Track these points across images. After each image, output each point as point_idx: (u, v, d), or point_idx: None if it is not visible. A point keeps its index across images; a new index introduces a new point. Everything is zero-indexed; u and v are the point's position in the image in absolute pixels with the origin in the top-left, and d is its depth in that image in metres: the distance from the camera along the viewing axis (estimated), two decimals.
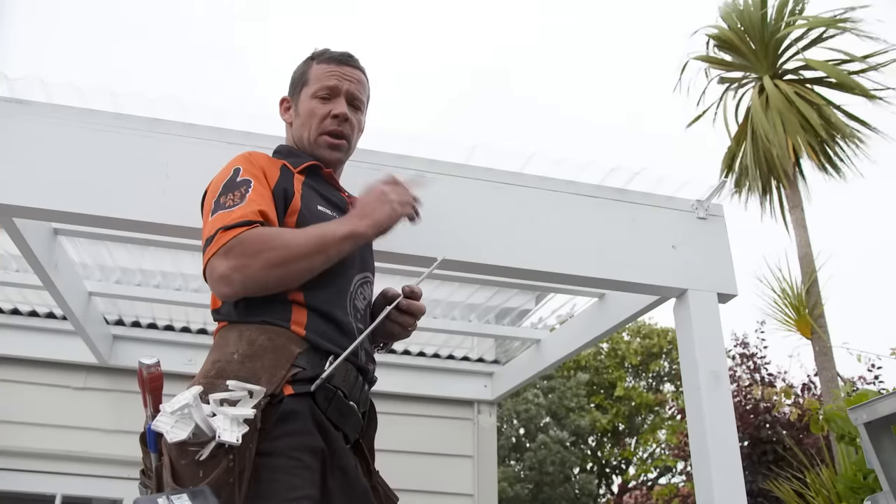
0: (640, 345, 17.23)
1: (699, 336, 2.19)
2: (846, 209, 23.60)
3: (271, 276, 1.34)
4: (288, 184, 1.49)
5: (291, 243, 1.36)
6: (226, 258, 1.32)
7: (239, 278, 1.32)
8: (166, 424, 1.19)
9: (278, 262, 1.34)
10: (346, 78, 1.63)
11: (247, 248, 1.32)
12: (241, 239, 1.33)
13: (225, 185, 1.44)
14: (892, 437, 2.12)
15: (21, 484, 3.30)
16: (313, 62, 1.66)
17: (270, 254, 1.33)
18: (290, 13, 53.74)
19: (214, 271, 1.33)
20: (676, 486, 12.16)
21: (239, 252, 1.32)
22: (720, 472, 2.03)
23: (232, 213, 1.37)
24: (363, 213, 1.44)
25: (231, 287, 1.33)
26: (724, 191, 2.39)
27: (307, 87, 1.64)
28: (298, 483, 1.26)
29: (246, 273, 1.32)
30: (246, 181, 1.43)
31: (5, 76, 1.98)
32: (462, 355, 3.87)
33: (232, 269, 1.32)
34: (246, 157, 1.50)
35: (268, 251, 1.33)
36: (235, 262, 1.32)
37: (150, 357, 1.28)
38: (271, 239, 1.35)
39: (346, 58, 1.66)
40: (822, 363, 6.81)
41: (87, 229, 2.31)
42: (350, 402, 1.41)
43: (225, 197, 1.41)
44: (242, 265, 1.32)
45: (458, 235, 2.12)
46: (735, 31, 8.39)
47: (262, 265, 1.32)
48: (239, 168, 1.46)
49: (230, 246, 1.32)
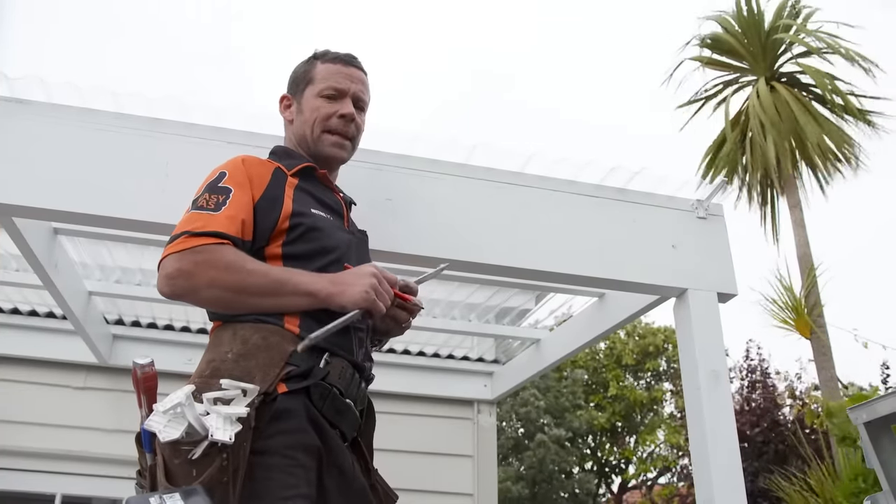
0: (637, 344, 17.24)
1: (699, 336, 2.19)
2: (845, 210, 23.61)
3: (211, 296, 1.36)
4: (279, 190, 1.49)
5: (247, 276, 1.35)
6: (179, 261, 1.33)
7: (182, 284, 1.33)
8: (159, 424, 1.19)
9: (226, 287, 1.34)
10: (352, 79, 1.64)
11: (202, 260, 1.33)
12: (202, 250, 1.34)
13: (207, 186, 1.45)
14: (892, 437, 2.12)
15: (21, 484, 3.30)
16: (317, 61, 1.67)
17: (223, 275, 1.34)
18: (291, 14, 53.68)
19: (165, 268, 1.34)
20: (676, 486, 12.16)
21: (192, 261, 1.33)
22: (720, 471, 2.03)
23: (203, 218, 1.38)
24: (337, 282, 1.40)
25: (171, 289, 1.34)
26: (723, 191, 2.39)
27: (312, 86, 1.64)
28: (293, 482, 1.26)
29: (189, 282, 1.33)
30: (226, 189, 1.43)
31: (5, 76, 1.97)
32: (462, 355, 3.86)
33: (179, 272, 1.33)
34: (236, 163, 1.50)
35: (222, 272, 1.34)
36: (185, 267, 1.33)
37: (145, 357, 1.29)
38: (230, 263, 1.35)
39: (351, 59, 1.67)
40: (821, 363, 6.82)
41: (87, 229, 2.31)
42: (346, 399, 1.40)
43: (203, 198, 1.42)
44: (189, 273, 1.33)
45: (458, 235, 2.12)
46: (733, 33, 8.40)
47: (207, 283, 1.33)
48: (224, 173, 1.47)
49: (189, 252, 1.33)
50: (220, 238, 1.36)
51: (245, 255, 1.38)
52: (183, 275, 1.33)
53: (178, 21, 49.81)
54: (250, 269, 1.36)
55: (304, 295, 1.38)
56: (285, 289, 1.36)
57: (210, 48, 48.96)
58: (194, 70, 46.31)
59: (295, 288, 1.37)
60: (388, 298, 1.44)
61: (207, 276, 1.33)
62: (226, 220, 1.38)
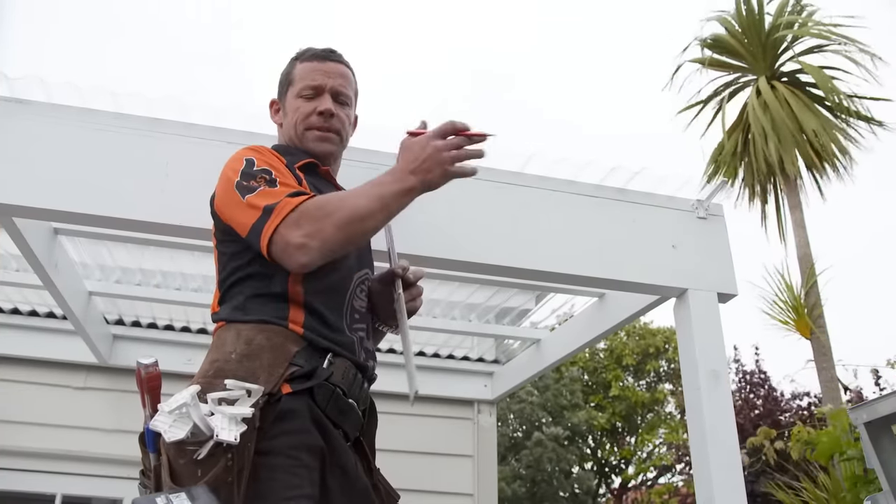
0: (637, 344, 17.23)
1: (699, 336, 2.19)
2: (844, 210, 23.62)
3: (342, 237, 1.34)
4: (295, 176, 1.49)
5: (355, 204, 1.35)
6: (297, 227, 1.31)
7: (316, 244, 1.31)
8: (164, 424, 1.19)
9: (347, 223, 1.33)
10: (329, 75, 1.62)
11: (314, 213, 1.32)
12: (304, 207, 1.33)
13: (244, 172, 1.42)
14: (892, 437, 2.12)
15: (21, 484, 3.30)
16: (297, 62, 1.66)
17: (339, 214, 1.33)
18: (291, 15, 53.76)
19: (289, 242, 1.31)
20: (676, 486, 12.16)
21: (309, 219, 1.32)
22: (720, 471, 2.03)
23: (275, 190, 1.37)
24: (415, 169, 1.37)
25: (309, 255, 1.32)
26: (723, 191, 2.39)
27: (292, 87, 1.63)
28: (297, 482, 1.26)
29: (321, 237, 1.31)
30: (265, 170, 1.42)
31: (5, 76, 1.98)
32: (462, 355, 3.86)
33: (306, 235, 1.31)
34: (254, 149, 1.49)
35: (336, 212, 1.33)
36: (309, 228, 1.31)
37: (148, 357, 1.29)
38: (332, 202, 1.36)
39: (328, 53, 1.65)
40: (821, 363, 6.81)
41: (87, 229, 2.31)
42: (349, 399, 1.40)
43: (249, 182, 1.39)
44: (316, 230, 1.31)
45: (458, 235, 2.12)
46: (733, 33, 8.40)
47: (334, 227, 1.32)
48: (252, 159, 1.45)
49: (296, 215, 1.32)
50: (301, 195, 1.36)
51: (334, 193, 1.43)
52: (310, 236, 1.31)
53: (178, 21, 49.89)
54: (349, 199, 1.36)
55: (402, 195, 1.37)
56: (386, 198, 1.36)
57: (210, 48, 49.05)
58: (194, 70, 46.35)
59: (392, 192, 1.36)
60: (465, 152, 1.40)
61: (331, 222, 1.32)
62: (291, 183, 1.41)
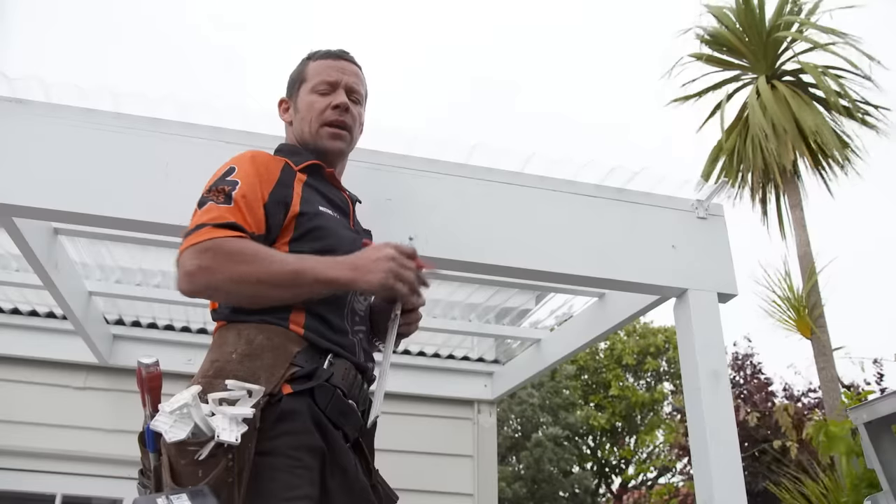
0: (637, 344, 17.24)
1: (699, 336, 2.19)
2: (843, 211, 23.60)
3: (233, 290, 1.33)
4: (288, 187, 1.48)
5: (266, 269, 1.32)
6: (199, 256, 1.30)
7: (202, 281, 1.30)
8: (165, 424, 1.19)
9: (245, 280, 1.31)
10: (343, 71, 1.65)
11: (221, 255, 1.30)
12: (220, 244, 1.31)
13: (216, 180, 1.43)
14: (892, 437, 2.12)
15: (21, 484, 3.30)
16: (310, 61, 1.69)
17: (243, 269, 1.31)
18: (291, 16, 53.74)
19: (183, 265, 1.31)
20: (676, 486, 12.16)
21: (213, 256, 1.30)
22: (720, 471, 2.03)
23: (217, 210, 1.35)
24: (357, 267, 1.36)
25: (191, 286, 1.31)
26: (723, 191, 2.39)
27: (305, 84, 1.65)
28: (297, 482, 1.26)
29: (210, 279, 1.30)
30: (235, 182, 1.41)
31: (5, 76, 1.97)
32: (462, 355, 3.86)
33: (200, 268, 1.30)
34: (246, 158, 1.49)
35: (241, 265, 1.31)
36: (207, 263, 1.30)
37: (149, 357, 1.28)
38: (249, 256, 1.32)
39: (342, 53, 1.69)
40: (821, 363, 6.81)
41: (87, 229, 2.31)
42: (349, 400, 1.41)
43: (212, 193, 1.40)
44: (212, 269, 1.30)
45: (458, 235, 2.12)
46: (733, 30, 8.39)
47: (228, 277, 1.30)
48: (234, 168, 1.45)
49: (207, 246, 1.31)
50: (237, 230, 1.34)
51: (261, 247, 1.36)
52: (203, 271, 1.29)
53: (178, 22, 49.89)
54: (269, 260, 1.33)
55: (325, 283, 1.35)
56: (304, 278, 1.33)
57: (210, 49, 49.03)
58: (194, 70, 46.38)
59: (315, 277, 1.34)
60: (412, 276, 1.39)
61: (228, 271, 1.30)
62: (239, 213, 1.37)
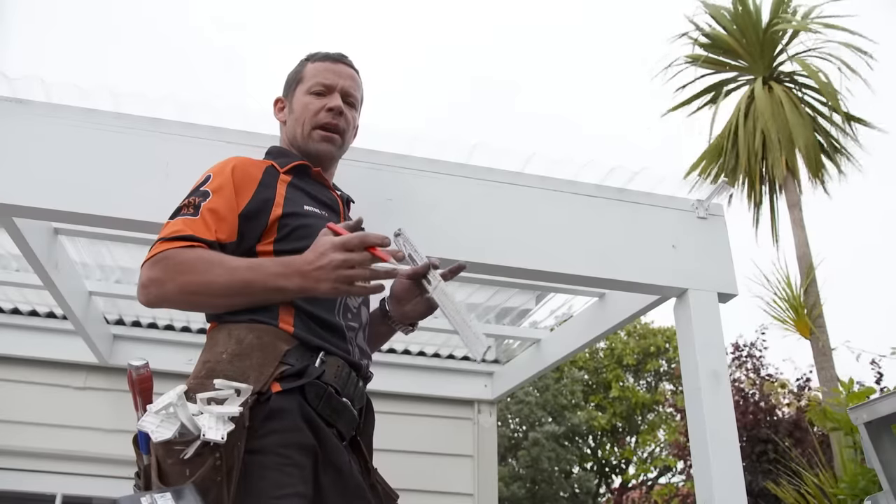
0: (637, 344, 17.24)
1: (699, 336, 2.19)
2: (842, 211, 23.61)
3: (183, 301, 1.36)
4: (270, 190, 1.48)
5: (215, 279, 1.33)
6: (150, 269, 1.34)
7: (154, 292, 1.34)
8: (152, 424, 1.20)
9: (194, 291, 1.34)
10: (340, 75, 1.66)
11: (171, 266, 1.33)
12: (170, 255, 1.34)
13: (191, 191, 1.46)
14: (892, 437, 2.12)
15: (21, 484, 3.30)
16: (308, 62, 1.70)
17: (190, 278, 1.33)
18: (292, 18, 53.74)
19: (140, 276, 1.36)
20: (676, 486, 12.16)
21: (163, 267, 1.33)
22: (720, 471, 2.03)
23: (179, 223, 1.38)
24: (304, 274, 1.31)
25: (145, 297, 1.35)
26: (724, 192, 2.39)
27: (301, 85, 1.66)
28: (287, 481, 1.25)
29: (161, 290, 1.33)
30: (207, 193, 1.42)
31: (5, 76, 1.97)
32: (462, 355, 3.86)
33: (152, 280, 1.33)
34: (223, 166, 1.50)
35: (189, 275, 1.33)
36: (159, 274, 1.33)
37: (139, 359, 1.30)
38: (198, 266, 1.33)
39: (340, 56, 1.70)
40: (820, 363, 6.81)
41: (87, 229, 2.31)
42: (343, 398, 1.40)
43: (184, 202, 1.43)
44: (162, 280, 1.33)
45: (458, 235, 2.12)
46: (730, 31, 8.39)
47: (177, 288, 1.33)
48: (210, 176, 1.47)
49: (158, 258, 1.34)
50: (192, 241, 1.35)
51: (215, 255, 1.35)
52: (153, 283, 1.33)
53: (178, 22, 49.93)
54: (217, 270, 1.34)
55: (275, 292, 1.35)
56: (253, 288, 1.34)
57: (211, 49, 49.06)
58: (195, 70, 46.40)
59: (264, 286, 1.34)
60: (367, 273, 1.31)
61: (177, 282, 1.32)
62: (202, 223, 1.38)
